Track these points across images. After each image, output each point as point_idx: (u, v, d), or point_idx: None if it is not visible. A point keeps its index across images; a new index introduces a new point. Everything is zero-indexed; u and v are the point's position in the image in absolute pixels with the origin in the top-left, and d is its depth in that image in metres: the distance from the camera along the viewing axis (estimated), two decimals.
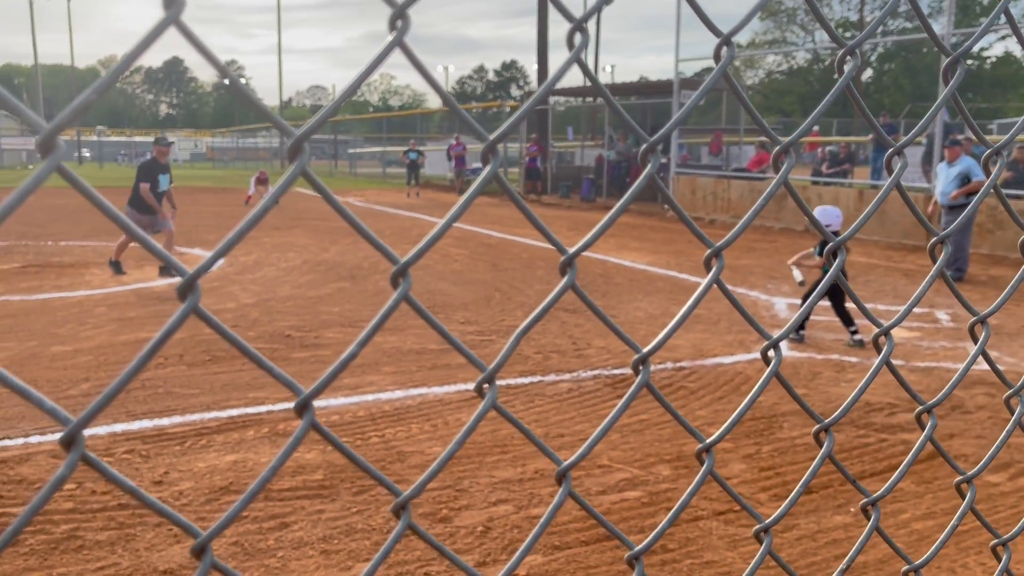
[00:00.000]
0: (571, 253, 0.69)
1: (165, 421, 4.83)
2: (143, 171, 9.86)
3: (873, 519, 1.01)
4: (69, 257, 11.42)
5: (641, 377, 0.78)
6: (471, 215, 17.08)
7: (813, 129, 24.79)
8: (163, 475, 4.07)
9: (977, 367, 5.78)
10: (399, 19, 0.56)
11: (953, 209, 10.32)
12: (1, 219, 0.45)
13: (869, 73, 52.46)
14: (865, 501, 1.02)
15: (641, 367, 0.78)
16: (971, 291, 9.62)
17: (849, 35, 44.95)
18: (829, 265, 0.91)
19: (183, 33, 0.50)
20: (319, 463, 4.20)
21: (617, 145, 23.55)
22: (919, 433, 1.18)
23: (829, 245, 0.91)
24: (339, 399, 5.27)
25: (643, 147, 0.69)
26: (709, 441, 0.83)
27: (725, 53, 0.72)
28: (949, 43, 13.17)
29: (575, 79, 25.56)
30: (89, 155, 55.97)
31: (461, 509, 3.77)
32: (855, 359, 6.45)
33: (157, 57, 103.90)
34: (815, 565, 3.33)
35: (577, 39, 0.64)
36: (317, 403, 5.13)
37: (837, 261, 0.91)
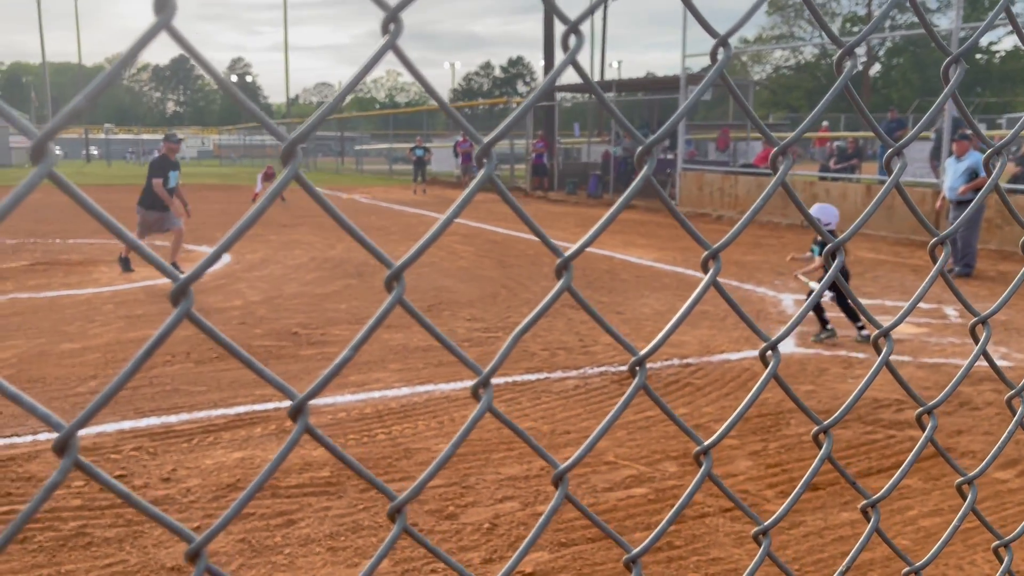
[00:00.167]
0: (566, 257, 0.69)
1: (173, 418, 4.85)
2: (154, 167, 9.89)
3: (873, 521, 1.01)
4: (77, 255, 11.46)
5: (638, 380, 0.78)
6: (477, 212, 17.07)
7: (822, 124, 24.72)
8: (171, 472, 4.09)
9: (985, 363, 5.75)
10: (392, 22, 0.56)
11: (961, 204, 10.27)
12: None
13: (877, 68, 52.25)
14: (864, 503, 1.02)
15: (638, 369, 0.78)
16: (979, 287, 9.57)
17: (857, 29, 44.74)
18: (830, 265, 0.90)
19: (174, 37, 0.50)
20: (325, 460, 4.21)
21: (624, 141, 23.51)
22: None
23: (828, 246, 0.90)
24: (346, 396, 5.28)
25: (639, 149, 0.68)
26: (707, 444, 0.82)
27: (722, 54, 0.72)
28: (958, 37, 13.08)
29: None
30: (97, 153, 56.19)
31: (467, 506, 3.77)
32: (863, 355, 6.42)
33: (164, 55, 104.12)
34: (821, 562, 3.33)
35: (572, 41, 0.63)
36: (324, 401, 5.14)
37: (836, 262, 0.91)
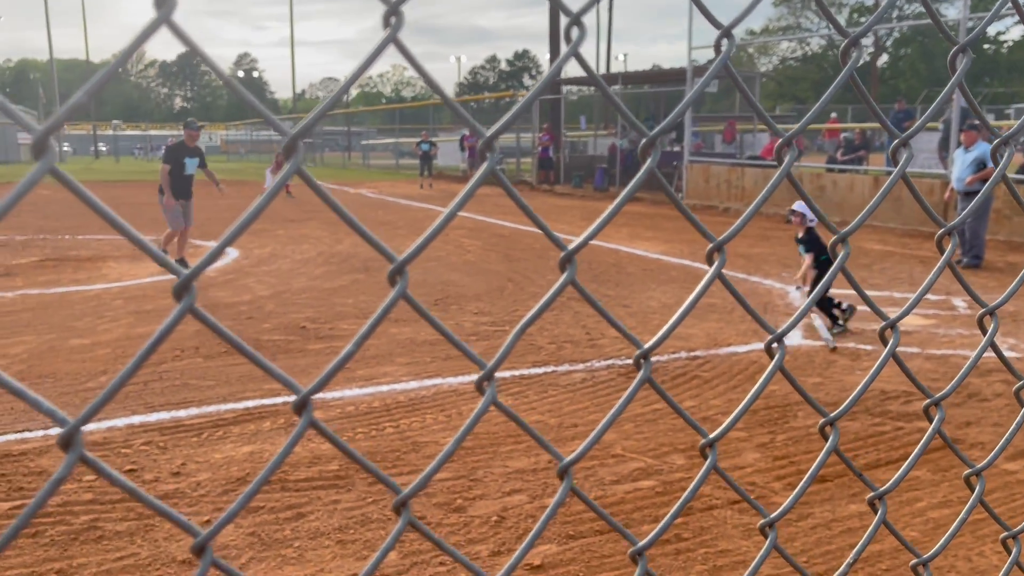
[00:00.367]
0: (569, 250, 0.69)
1: (182, 413, 4.87)
2: (167, 153, 9.90)
3: (880, 514, 1.01)
4: (86, 251, 11.50)
5: (642, 373, 0.78)
6: (483, 206, 17.07)
7: (831, 116, 24.58)
8: (181, 466, 4.11)
9: (994, 354, 5.73)
10: (393, 16, 0.56)
11: (969, 195, 10.22)
12: None
13: (885, 58, 51.96)
14: (871, 495, 1.02)
15: (643, 362, 0.78)
16: (988, 278, 9.53)
17: (863, 20, 44.48)
18: (824, 258, 0.90)
19: (175, 33, 0.50)
20: (334, 454, 4.23)
21: (630, 134, 23.44)
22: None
23: (834, 239, 0.90)
24: (354, 390, 5.29)
25: (643, 142, 0.68)
26: (712, 436, 0.82)
27: (726, 45, 0.72)
28: (965, 27, 12.99)
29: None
30: (105, 149, 56.35)
31: (475, 499, 3.78)
32: (870, 347, 6.40)
33: (171, 51, 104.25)
34: (830, 554, 3.32)
35: (575, 33, 0.63)
36: (332, 394, 5.16)
37: (842, 254, 0.90)
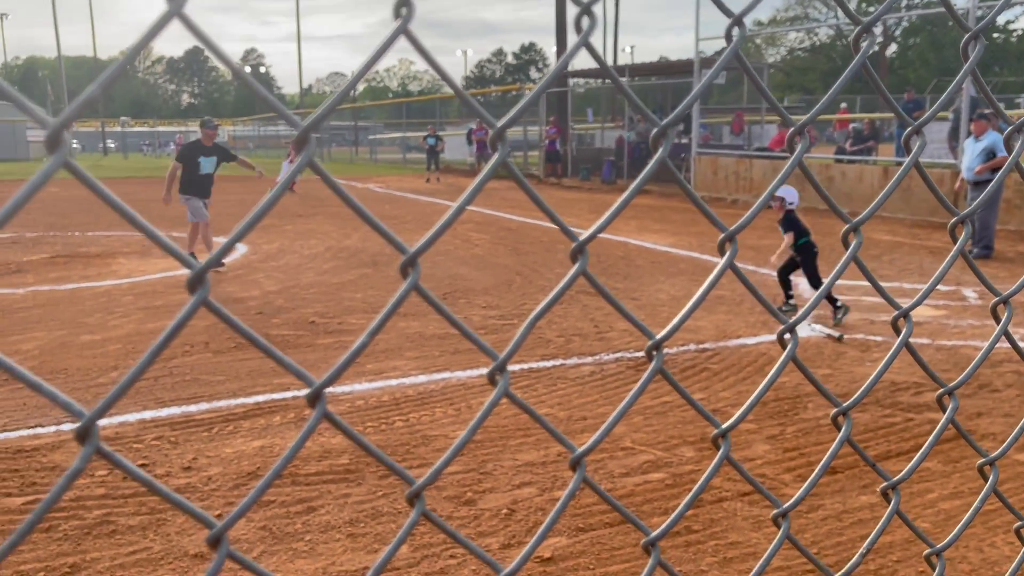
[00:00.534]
0: (580, 241, 0.69)
1: (193, 408, 4.89)
2: (180, 151, 9.85)
3: (893, 503, 1.00)
4: (96, 247, 11.55)
5: (655, 364, 0.78)
6: (491, 200, 17.06)
7: (841, 106, 24.46)
8: (192, 461, 4.13)
9: (1005, 344, 5.70)
10: (404, 6, 0.56)
11: (978, 185, 10.16)
12: (11, 214, 0.45)
13: (894, 48, 51.65)
14: (885, 485, 1.02)
15: (655, 353, 0.78)
16: (999, 268, 9.48)
17: (873, 9, 44.17)
18: (803, 241, 0.89)
19: (187, 26, 0.50)
20: (345, 447, 4.24)
21: (638, 126, 23.37)
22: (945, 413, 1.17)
23: (844, 230, 0.90)
24: (363, 384, 5.31)
25: (654, 132, 0.68)
26: (725, 427, 0.82)
27: (736, 34, 0.71)
28: (975, 16, 12.90)
29: (593, 61, 25.42)
30: (114, 146, 56.54)
31: (485, 492, 3.79)
32: (880, 338, 6.38)
33: (178, 47, 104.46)
34: (841, 545, 3.32)
35: (585, 23, 0.63)
36: (342, 388, 5.17)
37: (854, 244, 0.90)
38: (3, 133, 40.78)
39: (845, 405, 0.96)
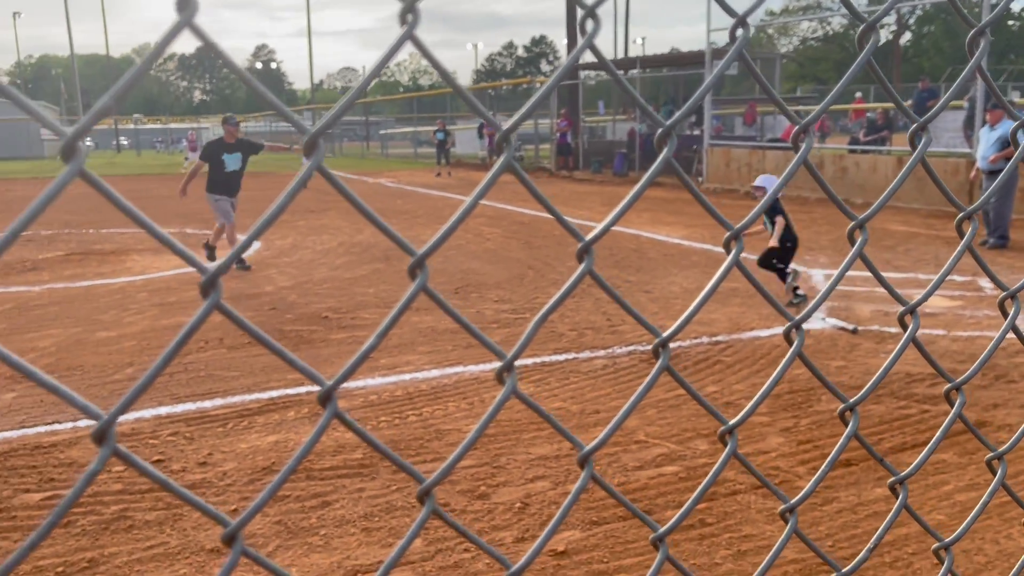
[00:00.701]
0: (587, 241, 0.69)
1: (208, 404, 4.93)
2: (204, 149, 9.67)
3: (901, 498, 1.01)
4: (110, 244, 11.64)
5: (661, 361, 0.78)
6: (503, 193, 17.06)
7: (856, 96, 24.26)
8: (207, 456, 4.16)
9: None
10: (409, 13, 0.56)
11: (993, 174, 10.08)
12: (26, 224, 0.46)
13: (908, 37, 51.22)
14: (892, 480, 1.02)
15: (662, 350, 0.78)
16: (1015, 258, 9.40)
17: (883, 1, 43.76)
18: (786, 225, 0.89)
19: (197, 35, 0.51)
20: (358, 442, 4.26)
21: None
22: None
23: (851, 225, 0.90)
24: (376, 379, 5.33)
25: (659, 132, 0.68)
26: (731, 423, 0.83)
27: (740, 34, 0.71)
28: (989, 4, 12.77)
29: (605, 53, 25.37)
30: (127, 143, 56.88)
31: (499, 486, 3.80)
32: (894, 329, 6.35)
33: (190, 44, 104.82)
34: (856, 538, 3.31)
35: (589, 25, 0.64)
36: (355, 384, 5.19)
37: (860, 240, 0.90)
38: (18, 132, 41.12)
39: (851, 401, 0.96)
